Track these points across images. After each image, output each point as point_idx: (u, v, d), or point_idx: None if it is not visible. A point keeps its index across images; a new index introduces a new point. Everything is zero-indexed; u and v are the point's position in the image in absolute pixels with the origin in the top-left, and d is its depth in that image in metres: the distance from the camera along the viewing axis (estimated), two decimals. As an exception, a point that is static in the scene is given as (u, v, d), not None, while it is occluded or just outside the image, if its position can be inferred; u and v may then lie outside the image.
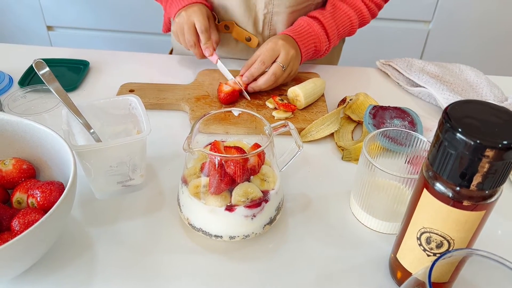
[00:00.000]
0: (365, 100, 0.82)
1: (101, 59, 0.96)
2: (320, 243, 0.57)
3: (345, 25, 0.91)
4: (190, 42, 0.87)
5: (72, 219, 0.59)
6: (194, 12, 0.85)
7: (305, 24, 0.88)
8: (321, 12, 0.89)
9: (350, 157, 0.71)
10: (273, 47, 0.82)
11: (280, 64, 0.81)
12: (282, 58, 0.81)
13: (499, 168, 0.38)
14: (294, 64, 0.84)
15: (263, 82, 0.82)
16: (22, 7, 1.93)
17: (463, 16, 1.80)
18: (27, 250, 0.46)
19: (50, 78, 0.61)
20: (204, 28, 0.85)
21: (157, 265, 0.54)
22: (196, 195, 0.54)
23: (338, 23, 0.90)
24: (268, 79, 0.81)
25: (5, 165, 0.56)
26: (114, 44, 2.00)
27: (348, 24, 0.91)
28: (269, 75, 0.81)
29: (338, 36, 0.92)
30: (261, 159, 0.55)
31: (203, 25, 0.85)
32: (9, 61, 0.94)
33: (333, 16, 0.89)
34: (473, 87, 0.87)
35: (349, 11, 0.90)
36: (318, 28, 0.87)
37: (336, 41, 0.92)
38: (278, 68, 0.81)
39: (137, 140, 0.57)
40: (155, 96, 0.82)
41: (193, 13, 0.85)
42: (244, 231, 0.55)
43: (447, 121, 0.38)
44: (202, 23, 0.85)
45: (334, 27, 0.89)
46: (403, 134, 0.59)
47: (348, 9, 0.90)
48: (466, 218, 0.42)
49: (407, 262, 0.49)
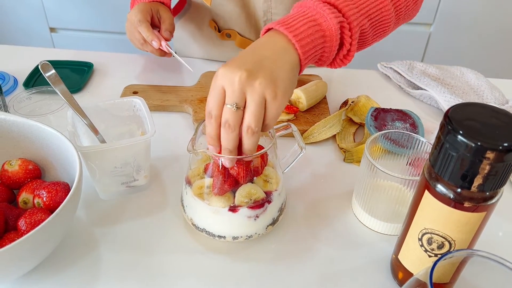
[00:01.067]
0: (366, 103, 0.82)
1: (105, 61, 0.97)
2: (322, 244, 0.58)
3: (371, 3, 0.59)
4: (139, 41, 0.82)
5: (76, 219, 0.60)
6: (133, 11, 0.82)
7: (296, 6, 0.57)
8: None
9: (352, 159, 0.72)
10: (213, 85, 0.50)
11: (227, 105, 0.49)
12: (228, 95, 0.49)
13: (499, 169, 0.38)
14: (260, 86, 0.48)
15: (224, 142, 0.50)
16: (25, 9, 1.94)
17: (464, 19, 1.81)
18: (33, 250, 0.46)
19: (56, 80, 0.62)
20: (138, 21, 0.80)
21: (161, 265, 0.54)
22: (200, 195, 0.55)
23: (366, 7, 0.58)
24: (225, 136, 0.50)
25: (11, 166, 0.56)
26: (117, 46, 2.01)
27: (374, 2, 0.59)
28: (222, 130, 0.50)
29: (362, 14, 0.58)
30: (264, 160, 0.55)
31: (137, 19, 0.80)
32: (14, 63, 0.95)
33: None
34: (474, 89, 0.88)
35: None
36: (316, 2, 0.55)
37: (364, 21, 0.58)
38: (227, 112, 0.49)
39: (141, 141, 0.58)
40: (158, 98, 0.83)
41: (132, 12, 0.83)
42: (247, 232, 0.55)
43: (449, 124, 0.39)
44: (137, 17, 0.80)
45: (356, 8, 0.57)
46: (405, 136, 0.59)
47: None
48: (467, 219, 0.42)
49: (408, 263, 0.50)
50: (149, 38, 0.81)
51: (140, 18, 0.81)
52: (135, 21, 0.81)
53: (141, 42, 0.83)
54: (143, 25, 0.81)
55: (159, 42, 0.81)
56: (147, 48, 0.84)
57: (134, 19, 0.82)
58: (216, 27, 0.94)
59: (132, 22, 0.82)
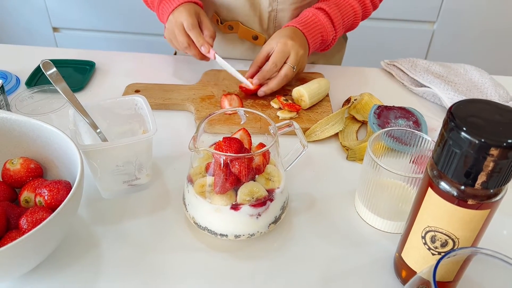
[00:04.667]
0: (369, 100, 0.82)
1: (107, 60, 0.97)
2: (325, 242, 0.58)
3: (349, 16, 0.91)
4: (184, 44, 0.84)
5: (78, 218, 0.60)
6: (180, 13, 0.83)
7: (311, 15, 0.88)
8: (326, 3, 0.89)
9: (355, 157, 0.71)
10: (283, 48, 0.81)
11: (291, 65, 0.82)
12: (292, 60, 0.82)
13: (503, 167, 0.38)
14: (303, 62, 0.85)
15: (276, 84, 0.82)
16: (28, 9, 1.94)
17: (468, 17, 1.80)
18: (35, 248, 0.46)
19: (57, 78, 0.62)
20: (191, 25, 0.81)
21: (163, 264, 0.54)
22: (202, 194, 0.54)
23: (343, 13, 0.90)
24: (281, 82, 0.82)
25: (13, 164, 0.56)
26: (119, 46, 2.01)
27: (351, 15, 0.91)
28: (281, 77, 0.82)
29: (343, 27, 0.92)
30: (266, 158, 0.55)
31: (189, 23, 0.81)
32: (16, 62, 0.95)
33: (338, 6, 0.89)
34: (477, 87, 0.87)
35: (353, 1, 0.91)
36: (324, 18, 0.87)
37: (341, 31, 0.92)
38: (289, 69, 0.82)
39: (143, 139, 0.58)
40: (160, 97, 0.83)
41: (179, 14, 0.83)
42: (249, 230, 0.55)
43: (452, 120, 0.38)
44: (189, 21, 0.81)
45: (339, 17, 0.89)
46: (408, 133, 0.59)
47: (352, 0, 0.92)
48: (471, 217, 0.42)
49: (412, 261, 0.50)
50: (199, 43, 0.82)
51: (192, 22, 0.82)
52: (185, 24, 0.82)
53: (185, 46, 0.84)
54: (195, 30, 0.82)
55: (208, 48, 0.83)
56: (190, 51, 0.85)
57: (183, 22, 0.82)
58: (218, 20, 0.94)
59: (179, 24, 0.82)
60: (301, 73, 0.88)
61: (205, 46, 0.83)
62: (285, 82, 0.83)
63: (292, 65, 0.82)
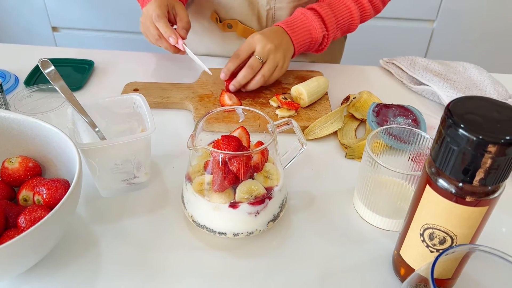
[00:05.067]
0: (368, 98, 0.82)
1: (106, 59, 0.97)
2: (323, 240, 0.58)
3: (344, 16, 0.89)
4: (154, 36, 0.82)
5: (77, 217, 0.60)
6: (150, 5, 0.81)
7: (299, 14, 0.86)
8: (319, 3, 0.88)
9: (354, 155, 0.71)
10: (249, 41, 0.81)
11: (256, 56, 0.80)
12: (258, 51, 0.81)
13: (501, 163, 0.38)
14: (279, 57, 0.82)
15: (242, 77, 0.81)
16: (28, 9, 1.94)
17: (467, 15, 1.80)
18: (33, 247, 0.46)
19: (56, 76, 0.62)
20: (157, 16, 0.80)
21: (162, 262, 0.54)
22: (200, 192, 0.54)
23: (337, 13, 0.88)
24: (246, 74, 0.80)
25: (12, 163, 0.56)
26: (119, 45, 2.01)
27: (347, 15, 0.89)
28: (246, 69, 0.80)
29: (338, 28, 0.90)
30: (265, 156, 0.55)
31: (156, 14, 0.79)
32: (15, 61, 0.95)
33: (331, 6, 0.88)
34: (476, 84, 0.87)
35: (348, 1, 0.89)
36: (313, 17, 0.85)
37: (336, 32, 0.90)
38: (254, 60, 0.80)
39: (141, 138, 0.58)
40: (159, 95, 0.83)
41: (150, 7, 0.81)
42: (248, 228, 0.55)
43: (450, 117, 0.38)
44: (156, 12, 0.80)
45: (332, 17, 0.87)
46: (406, 131, 0.59)
47: (348, 0, 0.89)
48: (469, 214, 0.42)
49: (410, 259, 0.49)
50: (166, 34, 0.81)
51: (159, 13, 0.80)
52: (153, 15, 0.80)
53: (156, 38, 0.83)
54: (161, 20, 0.80)
55: (176, 39, 0.81)
56: (161, 44, 0.84)
57: (152, 14, 0.81)
58: (218, 18, 0.95)
59: (149, 17, 0.81)
60: (284, 69, 0.85)
61: (173, 36, 0.81)
62: (252, 74, 0.81)
63: (259, 57, 0.80)
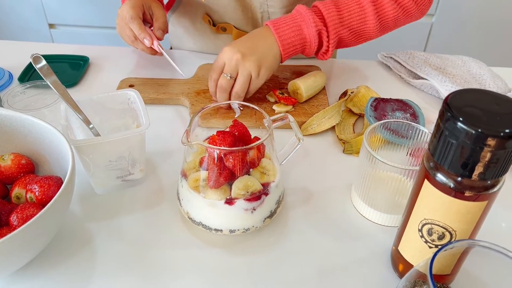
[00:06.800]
0: (366, 93, 0.81)
1: (101, 55, 0.96)
2: (321, 237, 0.57)
3: (353, 12, 0.74)
4: (130, 38, 0.81)
5: (72, 214, 0.59)
6: (125, 6, 0.80)
7: (293, 11, 0.75)
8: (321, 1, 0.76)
9: (352, 150, 0.71)
10: (219, 56, 0.73)
11: (224, 74, 0.73)
12: (226, 68, 0.73)
13: (501, 157, 0.37)
14: (248, 66, 0.71)
15: (220, 99, 0.75)
16: (24, 6, 1.93)
17: (466, 9, 1.79)
18: (25, 245, 0.45)
19: (48, 72, 0.61)
20: (130, 17, 0.78)
21: (157, 259, 0.53)
22: (196, 188, 0.54)
23: (342, 8, 0.74)
24: (220, 96, 0.75)
25: (4, 160, 0.56)
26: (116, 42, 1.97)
27: (357, 10, 0.74)
28: (218, 91, 0.74)
29: (344, 26, 0.74)
30: (261, 152, 0.54)
31: (129, 15, 0.78)
32: (9, 57, 0.94)
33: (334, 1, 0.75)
34: (476, 78, 0.86)
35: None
36: (307, 11, 0.73)
37: (342, 31, 0.75)
38: (223, 79, 0.73)
39: (136, 134, 0.57)
40: (155, 91, 0.82)
41: (124, 7, 0.80)
42: (244, 225, 0.54)
43: (448, 110, 0.38)
44: (129, 13, 0.78)
45: (333, 10, 0.73)
46: (405, 126, 0.58)
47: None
48: (468, 209, 0.41)
49: (408, 255, 0.49)
50: (141, 36, 0.80)
51: (132, 14, 0.79)
52: (126, 17, 0.79)
53: (132, 40, 0.82)
54: (135, 22, 0.79)
55: (151, 40, 0.80)
56: (137, 45, 0.83)
57: (125, 15, 0.80)
58: (211, 21, 0.93)
59: (123, 18, 0.80)
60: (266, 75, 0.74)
61: (148, 38, 0.80)
62: (226, 94, 0.74)
63: (226, 74, 0.72)
